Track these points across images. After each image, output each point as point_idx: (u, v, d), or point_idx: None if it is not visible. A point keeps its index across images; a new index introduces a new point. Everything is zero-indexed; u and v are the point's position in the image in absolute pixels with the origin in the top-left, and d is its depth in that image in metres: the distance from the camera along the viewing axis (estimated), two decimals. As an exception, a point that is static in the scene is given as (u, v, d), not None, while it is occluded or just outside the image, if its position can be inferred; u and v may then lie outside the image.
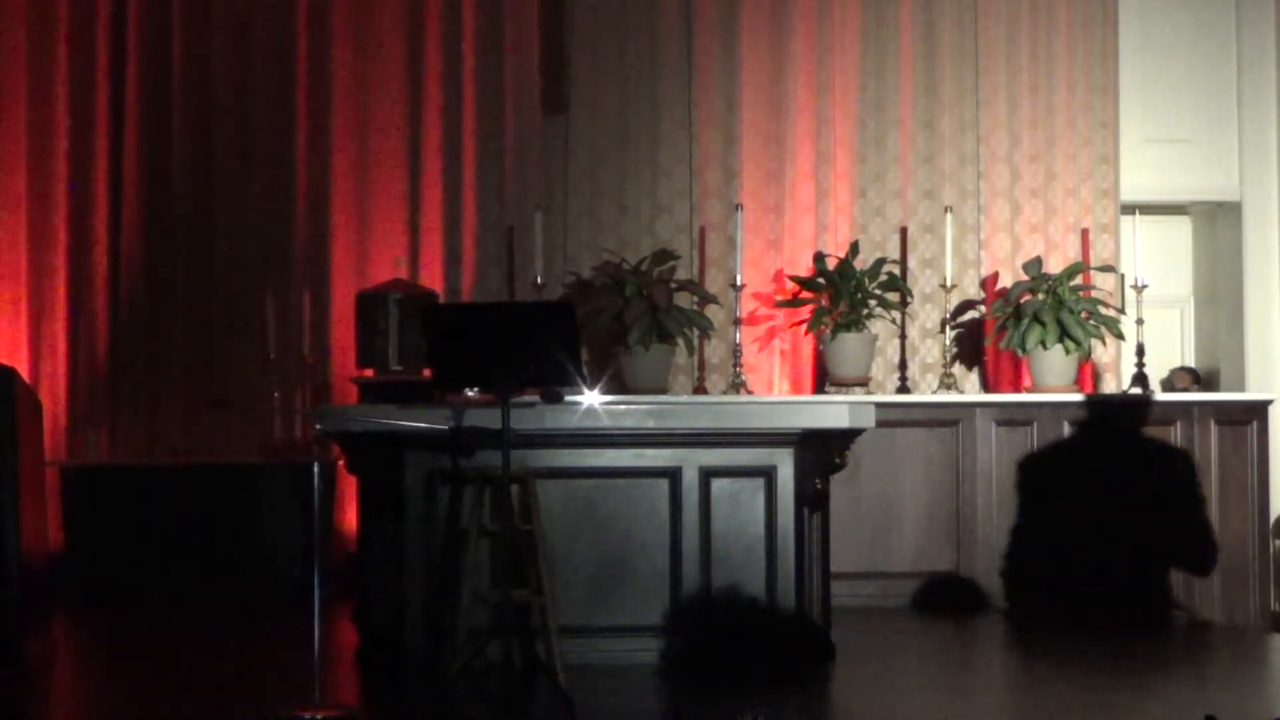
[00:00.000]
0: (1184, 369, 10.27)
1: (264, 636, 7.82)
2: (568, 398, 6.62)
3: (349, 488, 8.84)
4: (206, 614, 8.53)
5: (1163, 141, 10.61)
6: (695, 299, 9.75)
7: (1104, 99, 10.32)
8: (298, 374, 9.72)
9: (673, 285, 9.65)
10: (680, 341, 9.63)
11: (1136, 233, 9.63)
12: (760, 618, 6.76)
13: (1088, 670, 6.94)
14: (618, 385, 9.39)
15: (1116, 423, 9.05)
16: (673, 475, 6.83)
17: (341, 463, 7.86)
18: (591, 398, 6.91)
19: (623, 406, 7.08)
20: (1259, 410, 9.25)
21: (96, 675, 7.24)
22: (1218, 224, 10.82)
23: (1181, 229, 11.08)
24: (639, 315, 9.45)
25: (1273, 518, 9.57)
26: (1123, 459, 8.95)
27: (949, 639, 8.16)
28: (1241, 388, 10.19)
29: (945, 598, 8.88)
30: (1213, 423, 9.10)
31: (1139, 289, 9.49)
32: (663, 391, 9.48)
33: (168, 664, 7.14)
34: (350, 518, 8.94)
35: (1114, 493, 8.85)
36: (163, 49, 10.02)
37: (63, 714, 6.40)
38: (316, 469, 7.05)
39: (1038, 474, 8.97)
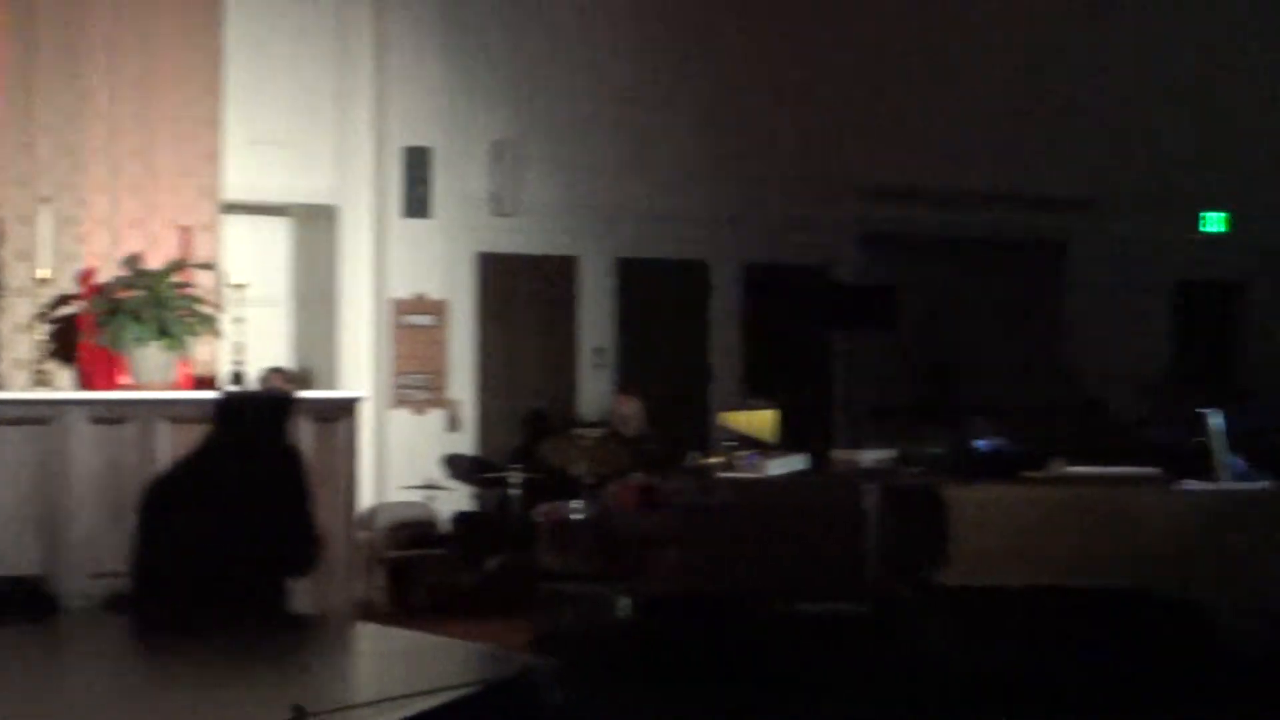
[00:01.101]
0: (276, 369, 10.49)
1: None
2: None
3: None
4: None
5: (265, 143, 10.81)
6: None
7: (209, 98, 10.36)
8: None
9: None
10: None
11: (237, 232, 9.76)
12: None
13: (188, 669, 6.91)
14: None
15: (224, 420, 9.07)
16: None
17: None
18: None
19: None
20: (349, 408, 9.59)
21: None
22: (315, 227, 11.16)
23: (283, 230, 11.34)
24: None
25: (357, 511, 9.95)
26: (230, 455, 8.98)
27: (39, 644, 7.89)
28: (335, 386, 10.54)
29: (35, 601, 8.59)
30: (307, 421, 9.32)
31: (237, 288, 9.61)
32: None
33: None
34: None
35: (225, 489, 8.86)
36: None
37: None
38: None
39: (152, 475, 8.86)
